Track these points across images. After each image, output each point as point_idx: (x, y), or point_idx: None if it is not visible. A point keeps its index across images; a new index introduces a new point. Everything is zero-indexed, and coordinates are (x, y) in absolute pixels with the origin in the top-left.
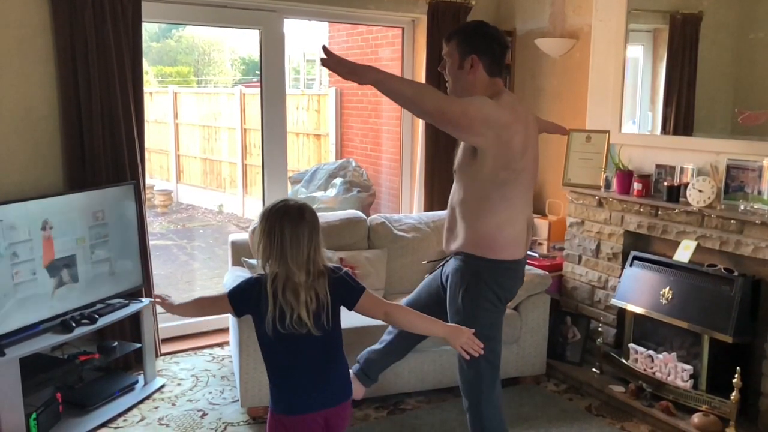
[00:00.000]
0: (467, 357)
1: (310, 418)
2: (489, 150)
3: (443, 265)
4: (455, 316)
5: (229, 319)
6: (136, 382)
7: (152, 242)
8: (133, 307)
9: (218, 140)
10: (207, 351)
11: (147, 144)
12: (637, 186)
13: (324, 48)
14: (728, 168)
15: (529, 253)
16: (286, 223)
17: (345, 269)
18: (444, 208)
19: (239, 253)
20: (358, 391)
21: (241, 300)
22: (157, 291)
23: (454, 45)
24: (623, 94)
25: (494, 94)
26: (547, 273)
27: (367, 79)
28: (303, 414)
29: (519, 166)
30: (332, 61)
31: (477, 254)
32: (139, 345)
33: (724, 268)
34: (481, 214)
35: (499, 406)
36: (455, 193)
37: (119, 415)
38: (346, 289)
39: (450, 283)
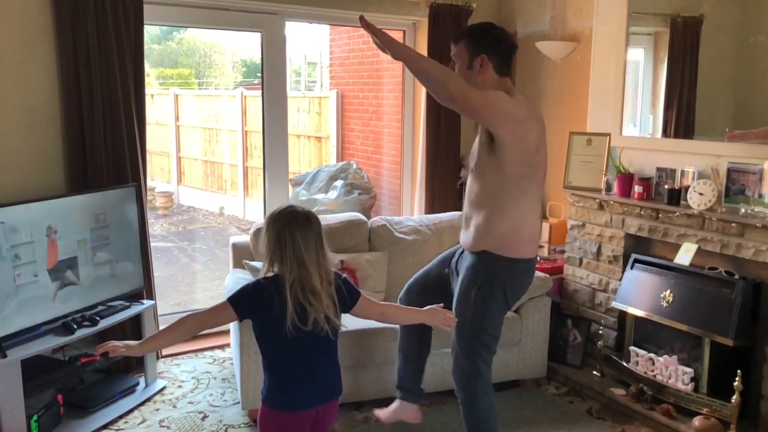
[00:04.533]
0: (447, 330)
1: (304, 414)
2: (507, 143)
3: (459, 254)
4: (465, 312)
5: None
6: (137, 384)
7: (153, 244)
8: (134, 309)
9: (219, 142)
10: (208, 353)
11: (148, 146)
12: (637, 189)
13: (362, 18)
14: (729, 171)
15: None
16: (295, 228)
17: (343, 275)
18: (445, 210)
19: (240, 255)
20: (416, 415)
21: (245, 303)
22: (110, 346)
23: (463, 46)
24: (624, 97)
25: (505, 92)
26: (548, 275)
27: (400, 54)
28: (301, 410)
29: (535, 161)
30: (373, 29)
31: (496, 252)
32: None
33: (725, 271)
34: (503, 209)
35: (492, 395)
36: (473, 189)
37: (120, 417)
38: (347, 293)
39: (463, 278)
